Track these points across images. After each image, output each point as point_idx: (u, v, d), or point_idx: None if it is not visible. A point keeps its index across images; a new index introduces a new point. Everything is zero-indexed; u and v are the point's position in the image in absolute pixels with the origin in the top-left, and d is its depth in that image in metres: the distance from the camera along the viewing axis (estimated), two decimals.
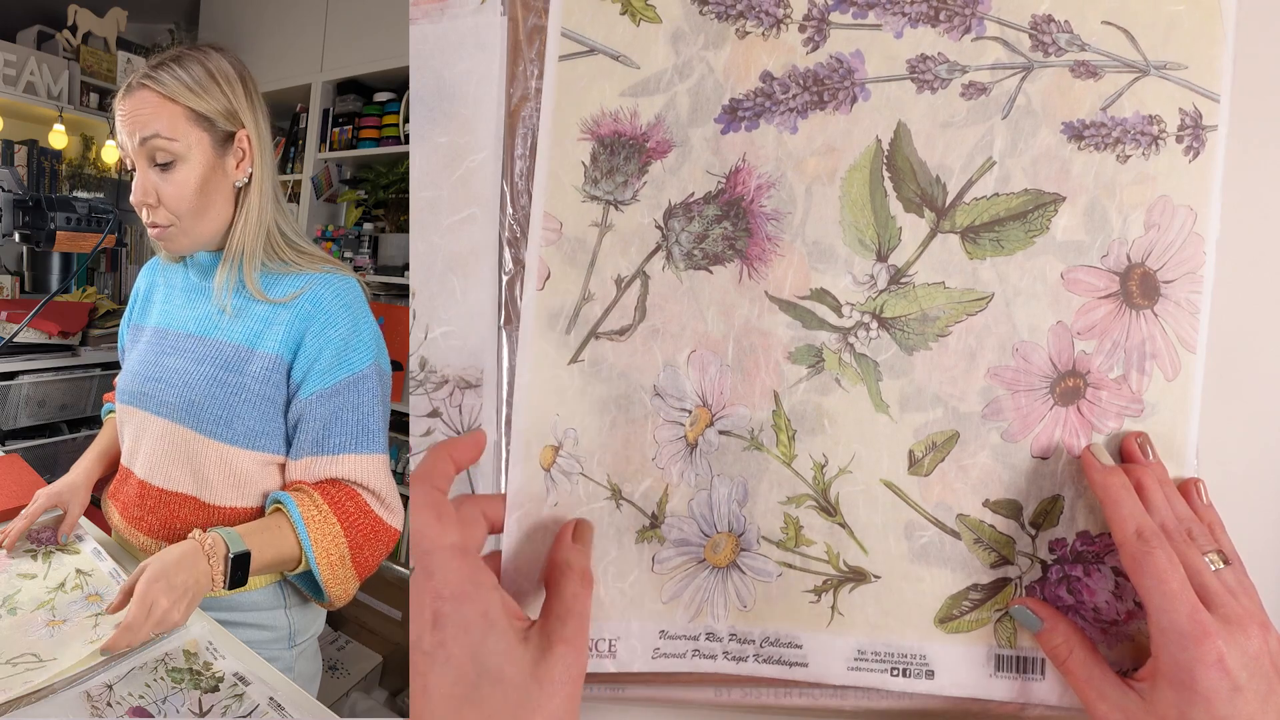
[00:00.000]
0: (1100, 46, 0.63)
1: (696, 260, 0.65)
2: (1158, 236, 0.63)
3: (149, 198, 0.83)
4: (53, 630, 0.73)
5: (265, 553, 0.79)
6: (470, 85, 0.67)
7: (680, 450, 0.65)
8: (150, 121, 0.81)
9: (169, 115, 0.82)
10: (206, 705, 0.66)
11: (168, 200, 0.83)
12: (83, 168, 2.81)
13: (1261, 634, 0.55)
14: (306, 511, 0.80)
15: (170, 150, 0.82)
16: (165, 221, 0.84)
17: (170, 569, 0.72)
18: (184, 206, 0.83)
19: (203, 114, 0.83)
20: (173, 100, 0.82)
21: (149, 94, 0.82)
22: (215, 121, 0.84)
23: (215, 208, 0.85)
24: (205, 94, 0.83)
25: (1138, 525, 0.58)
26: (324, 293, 0.84)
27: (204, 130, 0.83)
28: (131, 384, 0.89)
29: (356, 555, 0.83)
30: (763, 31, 0.64)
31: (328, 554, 0.80)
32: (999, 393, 0.64)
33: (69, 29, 2.73)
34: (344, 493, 0.83)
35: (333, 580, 0.82)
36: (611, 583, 0.65)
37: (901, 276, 0.64)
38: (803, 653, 0.65)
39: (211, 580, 0.75)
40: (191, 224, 0.84)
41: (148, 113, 0.82)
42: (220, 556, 0.75)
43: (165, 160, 0.82)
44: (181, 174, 0.82)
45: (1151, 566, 0.57)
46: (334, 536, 0.80)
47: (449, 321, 0.67)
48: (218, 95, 0.84)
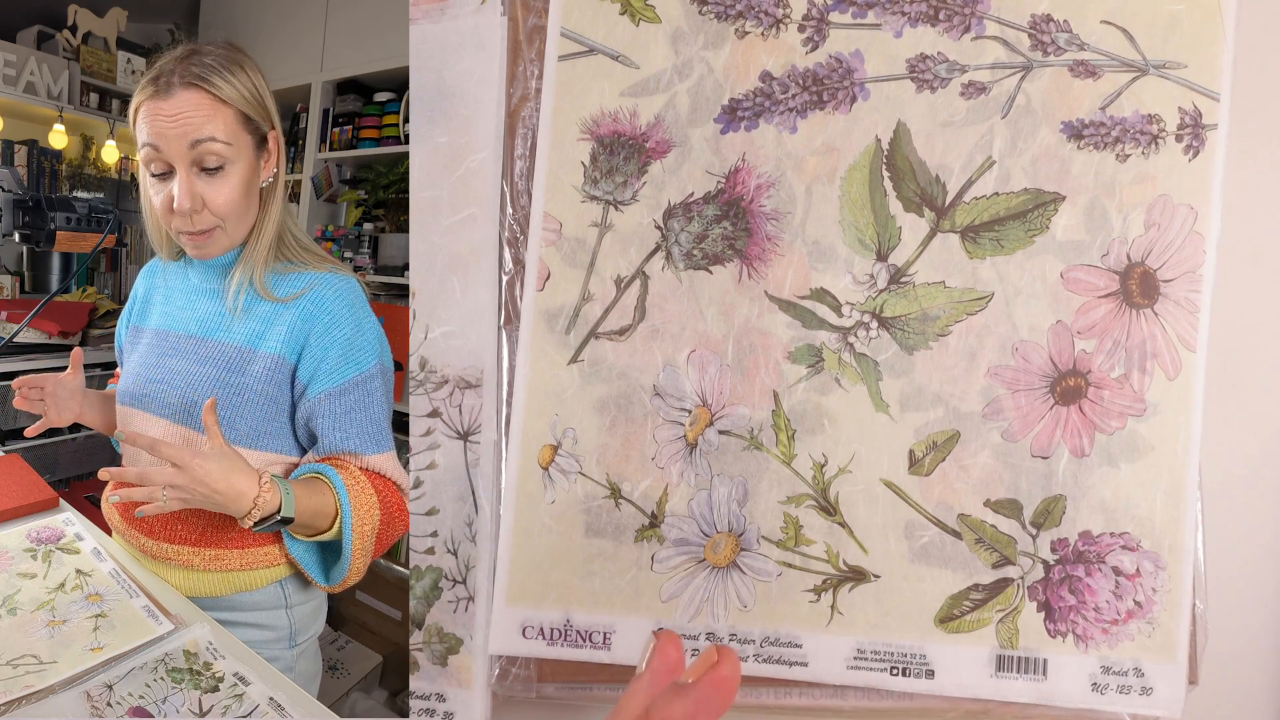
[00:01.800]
0: (1099, 46, 0.63)
1: (696, 260, 0.65)
2: (1158, 235, 0.63)
3: (196, 204, 0.79)
4: (53, 631, 0.73)
5: (306, 503, 0.77)
6: (470, 85, 0.67)
7: (680, 450, 0.65)
8: (204, 125, 0.78)
9: (222, 117, 0.79)
10: (206, 705, 0.66)
11: (215, 205, 0.80)
12: (83, 168, 2.81)
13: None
14: (346, 478, 0.79)
15: (222, 155, 0.79)
16: (209, 225, 0.81)
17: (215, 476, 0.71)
18: (231, 211, 0.81)
19: (250, 116, 0.82)
20: (225, 102, 0.79)
21: (199, 94, 0.78)
22: (259, 124, 0.83)
23: (251, 209, 0.84)
24: (251, 96, 0.81)
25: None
26: (326, 293, 0.84)
27: (249, 133, 0.82)
28: (133, 386, 0.89)
29: (383, 531, 0.82)
30: (762, 31, 0.64)
31: (362, 523, 0.79)
32: (999, 392, 0.64)
33: (69, 29, 2.73)
34: (370, 473, 0.82)
35: (360, 551, 0.80)
36: (609, 580, 0.65)
37: (901, 276, 0.64)
38: (802, 652, 0.65)
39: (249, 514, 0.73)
40: (234, 227, 0.83)
41: (201, 115, 0.78)
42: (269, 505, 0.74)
43: (216, 165, 0.79)
44: (231, 178, 0.80)
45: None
46: (369, 507, 0.79)
47: (449, 321, 0.67)
48: (254, 91, 0.82)
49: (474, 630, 0.68)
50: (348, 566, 0.83)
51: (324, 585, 0.89)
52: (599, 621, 0.65)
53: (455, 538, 0.68)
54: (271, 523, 0.75)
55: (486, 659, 0.68)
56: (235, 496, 0.72)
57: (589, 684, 0.65)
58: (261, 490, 0.73)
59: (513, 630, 0.67)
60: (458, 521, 0.68)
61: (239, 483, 0.72)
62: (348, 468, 0.81)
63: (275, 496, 0.74)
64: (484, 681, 0.68)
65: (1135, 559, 0.63)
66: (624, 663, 0.65)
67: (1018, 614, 0.64)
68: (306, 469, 0.83)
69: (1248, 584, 0.68)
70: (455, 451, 0.68)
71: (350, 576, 0.85)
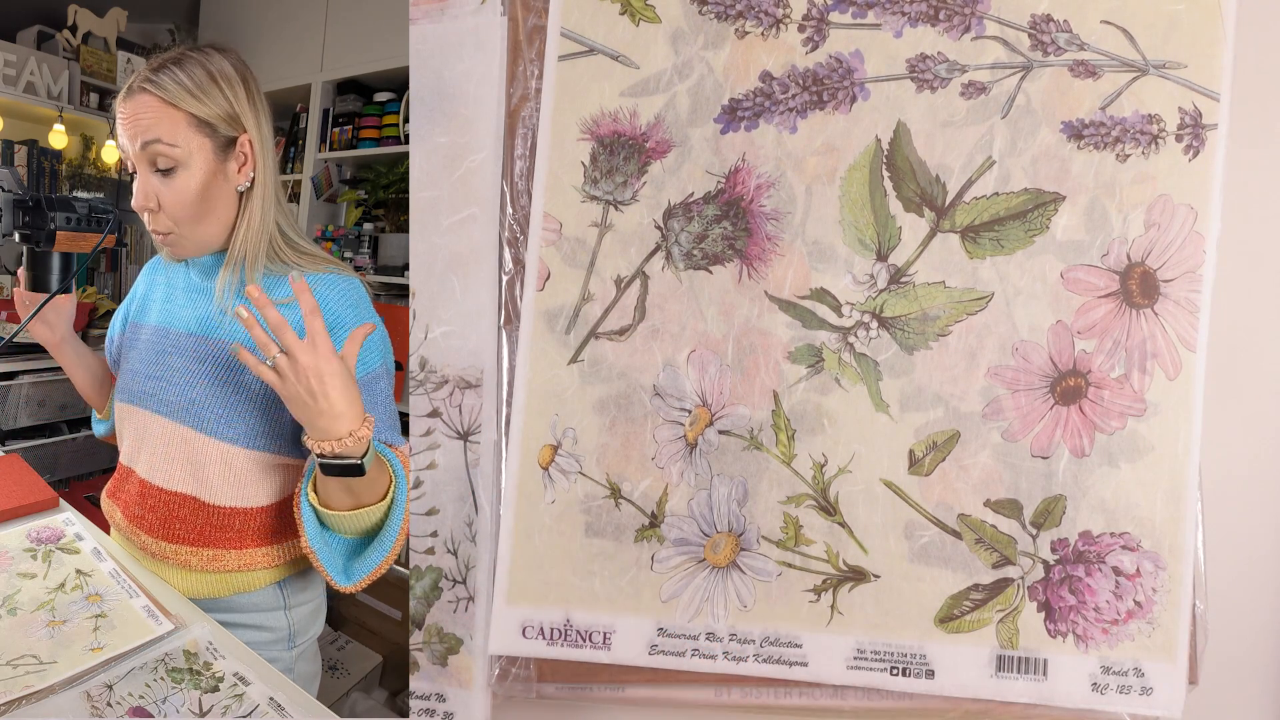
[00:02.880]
0: (1099, 46, 0.63)
1: (696, 260, 0.65)
2: (1158, 235, 0.63)
3: (150, 202, 0.82)
4: (53, 631, 0.73)
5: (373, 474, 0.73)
6: (470, 85, 0.67)
7: (680, 450, 0.65)
8: (151, 127, 0.81)
9: (170, 121, 0.81)
10: (206, 705, 0.66)
11: (168, 206, 0.82)
12: (83, 168, 2.81)
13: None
14: (399, 455, 0.78)
15: (171, 156, 0.81)
16: (165, 228, 0.84)
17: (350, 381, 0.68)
18: (183, 213, 0.83)
19: (204, 120, 0.82)
20: (174, 105, 0.81)
21: (150, 98, 0.81)
22: (217, 127, 0.83)
23: (216, 213, 0.85)
24: (207, 99, 0.82)
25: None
26: (328, 293, 0.84)
27: (206, 136, 0.83)
28: (132, 383, 0.89)
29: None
30: (762, 31, 0.64)
31: (408, 499, 0.77)
32: (999, 392, 0.64)
33: (69, 29, 2.73)
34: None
35: (403, 533, 0.77)
36: (609, 580, 0.65)
37: (901, 276, 0.64)
38: (802, 652, 0.65)
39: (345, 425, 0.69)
40: (191, 230, 0.84)
41: (149, 118, 0.81)
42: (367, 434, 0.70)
43: (166, 166, 0.81)
44: (182, 180, 0.82)
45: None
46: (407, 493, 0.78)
47: (449, 321, 0.67)
48: (219, 100, 0.83)
49: (474, 630, 0.68)
50: (391, 544, 0.78)
51: (343, 585, 0.88)
52: (599, 621, 0.65)
53: (455, 538, 0.68)
54: (344, 465, 0.71)
55: (486, 659, 0.68)
56: (337, 415, 0.68)
57: (589, 684, 0.65)
58: (362, 426, 0.69)
59: (513, 630, 0.67)
60: (458, 521, 0.68)
61: (346, 405, 0.68)
62: (396, 450, 0.79)
63: (367, 442, 0.70)
64: (484, 681, 0.68)
65: (1135, 559, 0.63)
66: (624, 663, 0.65)
67: (1018, 614, 0.64)
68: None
69: (1248, 584, 0.68)
70: (455, 451, 0.68)
71: (380, 566, 0.82)
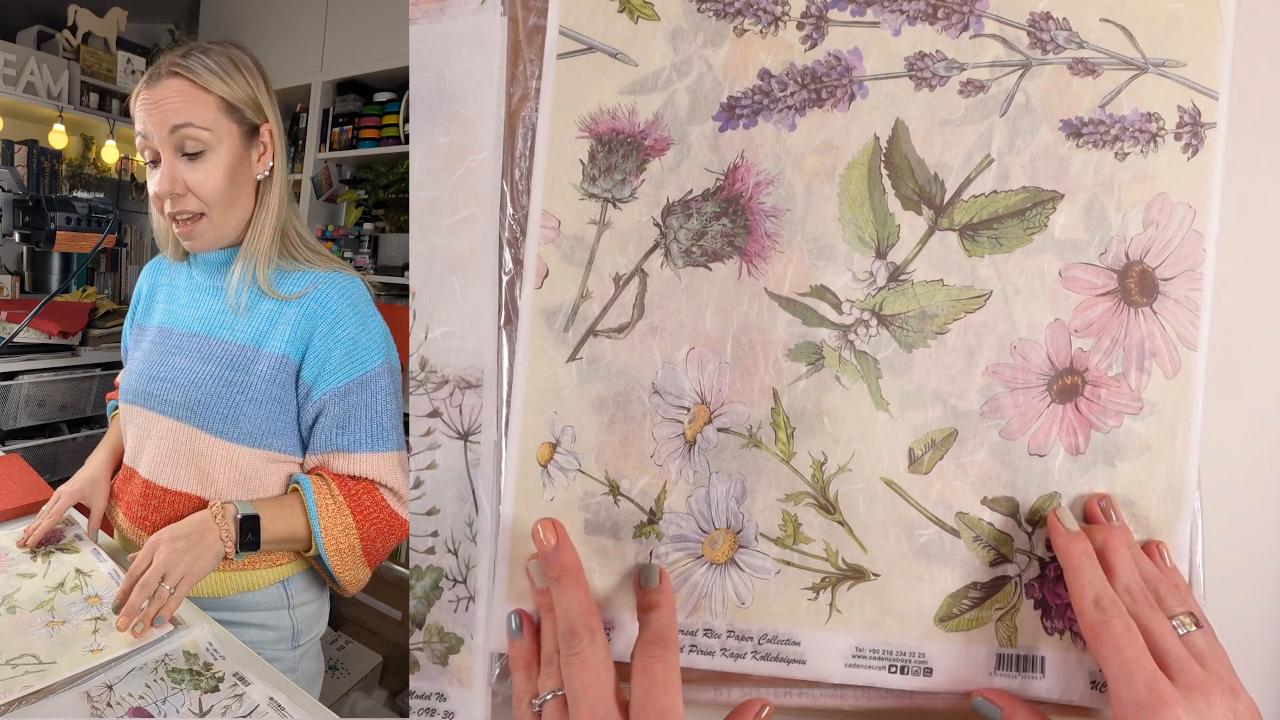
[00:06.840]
0: (1099, 44, 0.63)
1: (695, 257, 0.65)
2: (1156, 234, 0.63)
3: (176, 187, 0.82)
4: (52, 631, 0.73)
5: (275, 524, 0.80)
6: (470, 85, 0.67)
7: (679, 447, 0.65)
8: (182, 110, 0.81)
9: (201, 104, 0.81)
10: (206, 705, 0.66)
11: (197, 189, 0.82)
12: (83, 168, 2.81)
13: (1226, 699, 0.53)
14: (321, 499, 0.81)
15: (201, 139, 0.81)
16: (195, 209, 0.83)
17: (179, 529, 0.76)
18: (215, 196, 0.82)
19: (233, 104, 0.83)
20: (205, 89, 0.81)
21: (181, 81, 0.81)
22: (244, 112, 0.84)
23: (240, 201, 0.85)
24: (235, 84, 0.83)
25: (1096, 594, 0.57)
26: (330, 292, 0.84)
27: (234, 121, 0.83)
28: (136, 384, 0.89)
29: (368, 547, 0.83)
30: (761, 29, 0.64)
31: (337, 542, 0.81)
32: (998, 390, 0.64)
33: (69, 29, 2.73)
34: (361, 486, 0.83)
35: (340, 567, 0.83)
36: (608, 577, 0.65)
37: (900, 274, 0.64)
38: (801, 650, 0.65)
39: (221, 540, 0.77)
40: (220, 216, 0.84)
41: (179, 101, 0.81)
42: (229, 517, 0.78)
43: (195, 150, 0.81)
44: (211, 164, 0.82)
45: (1109, 635, 0.55)
46: (345, 527, 0.81)
47: (449, 321, 0.67)
48: (245, 86, 0.84)
49: (474, 630, 0.68)
50: (336, 580, 0.86)
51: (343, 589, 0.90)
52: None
53: (456, 537, 0.68)
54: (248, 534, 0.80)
55: (487, 658, 0.68)
56: (210, 564, 0.78)
57: None
58: (211, 511, 0.79)
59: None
60: (458, 521, 0.68)
61: (190, 528, 0.78)
62: (327, 483, 0.83)
63: (223, 503, 0.80)
64: (484, 681, 0.68)
65: None
66: (624, 660, 0.65)
67: (1016, 612, 0.64)
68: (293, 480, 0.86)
69: (1247, 584, 0.68)
70: (455, 451, 0.68)
71: (348, 585, 0.87)
